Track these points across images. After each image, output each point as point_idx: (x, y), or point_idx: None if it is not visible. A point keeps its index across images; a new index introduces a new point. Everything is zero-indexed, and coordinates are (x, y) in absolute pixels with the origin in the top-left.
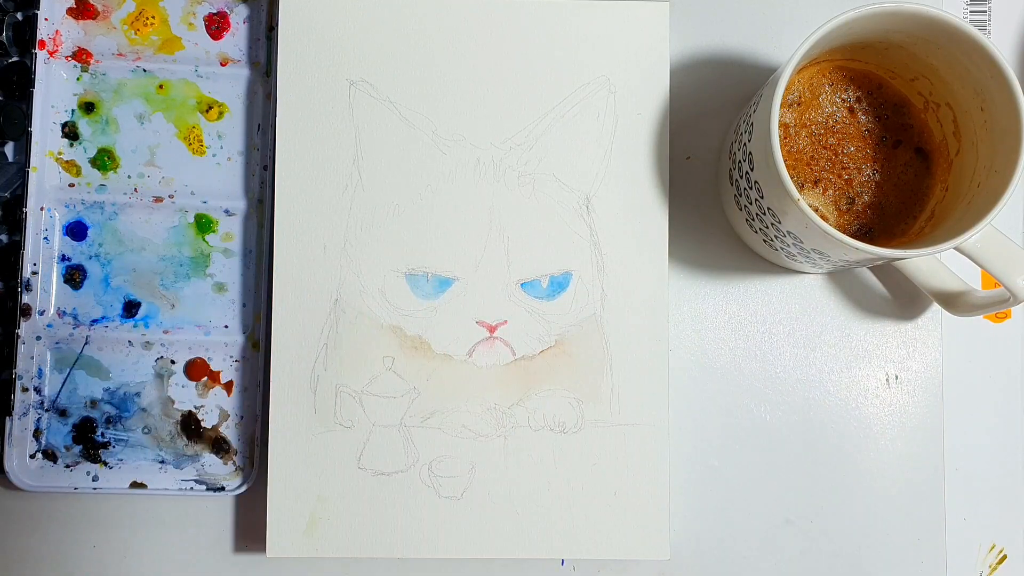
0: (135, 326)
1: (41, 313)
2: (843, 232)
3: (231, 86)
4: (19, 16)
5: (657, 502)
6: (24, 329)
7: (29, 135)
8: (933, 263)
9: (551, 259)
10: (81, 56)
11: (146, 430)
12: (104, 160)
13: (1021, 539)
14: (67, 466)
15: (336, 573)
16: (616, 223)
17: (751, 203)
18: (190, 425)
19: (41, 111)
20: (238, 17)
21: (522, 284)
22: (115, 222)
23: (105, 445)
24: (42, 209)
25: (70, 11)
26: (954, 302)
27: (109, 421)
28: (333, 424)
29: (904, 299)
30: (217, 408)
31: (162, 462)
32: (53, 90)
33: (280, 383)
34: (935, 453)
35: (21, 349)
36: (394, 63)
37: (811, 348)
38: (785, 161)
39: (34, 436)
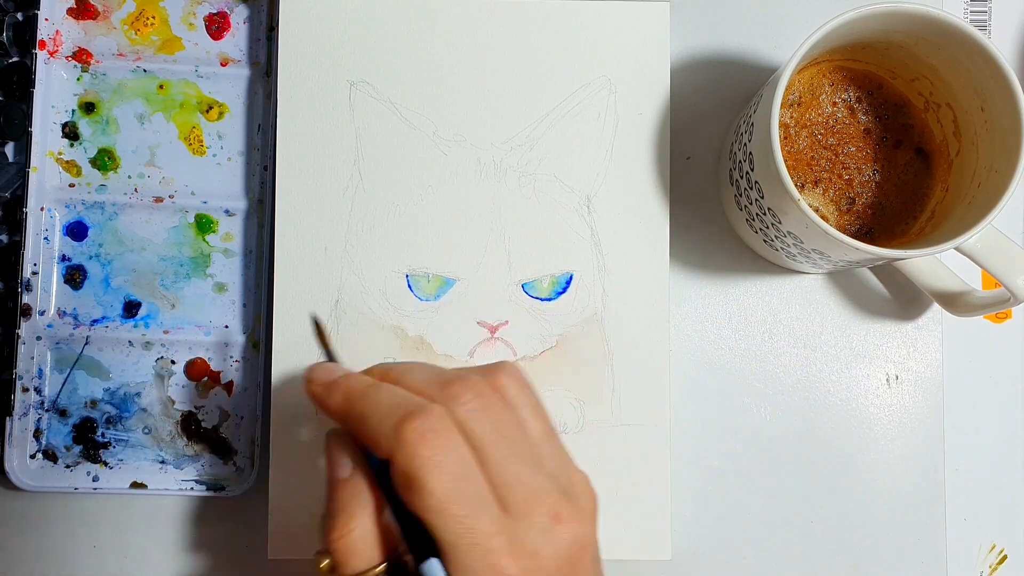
0: (135, 326)
1: (41, 313)
2: (843, 232)
3: (231, 86)
4: (19, 16)
5: (658, 502)
6: (24, 329)
7: (29, 135)
8: (933, 263)
9: (552, 259)
10: (81, 56)
11: (146, 430)
12: (104, 160)
13: (1021, 539)
14: (67, 466)
15: None
16: (617, 223)
17: (751, 203)
18: (190, 425)
19: (41, 111)
20: (238, 17)
21: (523, 284)
22: (115, 222)
23: (105, 445)
24: (42, 209)
25: (70, 11)
26: (954, 302)
27: (109, 421)
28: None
29: (904, 299)
30: (217, 408)
31: (162, 462)
32: (53, 90)
33: (281, 383)
34: (935, 453)
35: (21, 349)
36: (394, 64)
37: (811, 348)
38: (785, 161)
39: (34, 436)
